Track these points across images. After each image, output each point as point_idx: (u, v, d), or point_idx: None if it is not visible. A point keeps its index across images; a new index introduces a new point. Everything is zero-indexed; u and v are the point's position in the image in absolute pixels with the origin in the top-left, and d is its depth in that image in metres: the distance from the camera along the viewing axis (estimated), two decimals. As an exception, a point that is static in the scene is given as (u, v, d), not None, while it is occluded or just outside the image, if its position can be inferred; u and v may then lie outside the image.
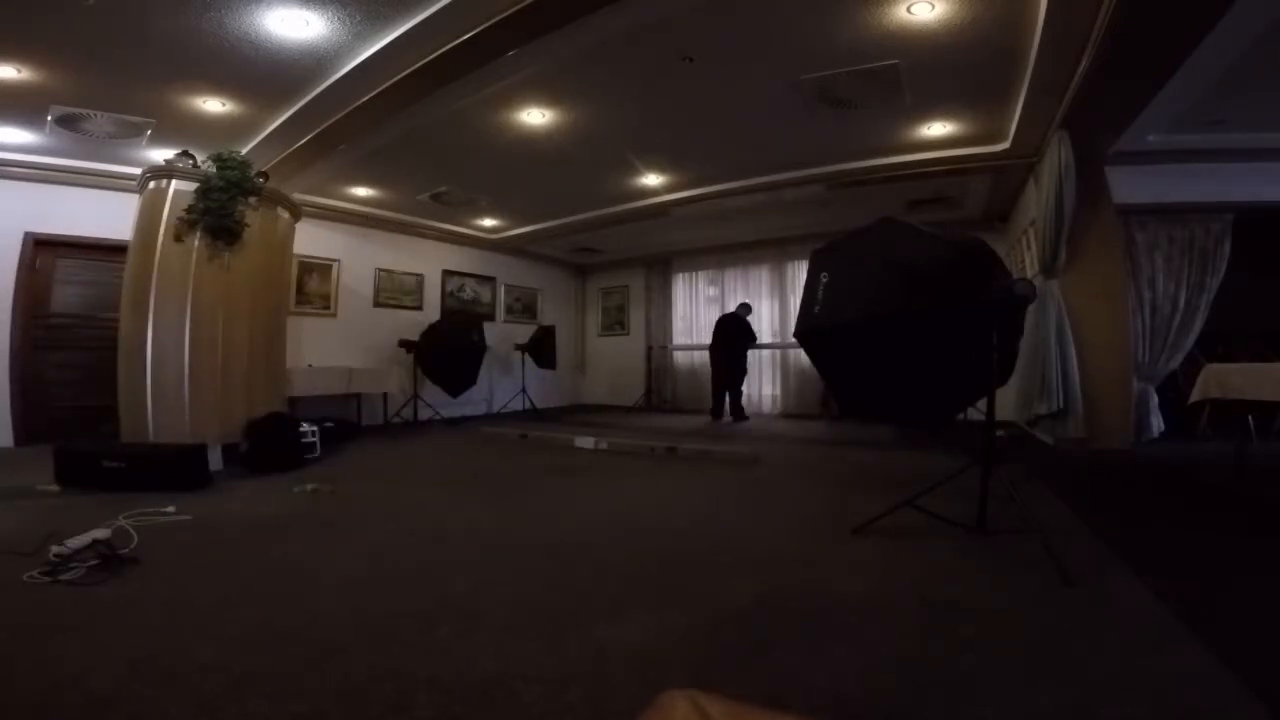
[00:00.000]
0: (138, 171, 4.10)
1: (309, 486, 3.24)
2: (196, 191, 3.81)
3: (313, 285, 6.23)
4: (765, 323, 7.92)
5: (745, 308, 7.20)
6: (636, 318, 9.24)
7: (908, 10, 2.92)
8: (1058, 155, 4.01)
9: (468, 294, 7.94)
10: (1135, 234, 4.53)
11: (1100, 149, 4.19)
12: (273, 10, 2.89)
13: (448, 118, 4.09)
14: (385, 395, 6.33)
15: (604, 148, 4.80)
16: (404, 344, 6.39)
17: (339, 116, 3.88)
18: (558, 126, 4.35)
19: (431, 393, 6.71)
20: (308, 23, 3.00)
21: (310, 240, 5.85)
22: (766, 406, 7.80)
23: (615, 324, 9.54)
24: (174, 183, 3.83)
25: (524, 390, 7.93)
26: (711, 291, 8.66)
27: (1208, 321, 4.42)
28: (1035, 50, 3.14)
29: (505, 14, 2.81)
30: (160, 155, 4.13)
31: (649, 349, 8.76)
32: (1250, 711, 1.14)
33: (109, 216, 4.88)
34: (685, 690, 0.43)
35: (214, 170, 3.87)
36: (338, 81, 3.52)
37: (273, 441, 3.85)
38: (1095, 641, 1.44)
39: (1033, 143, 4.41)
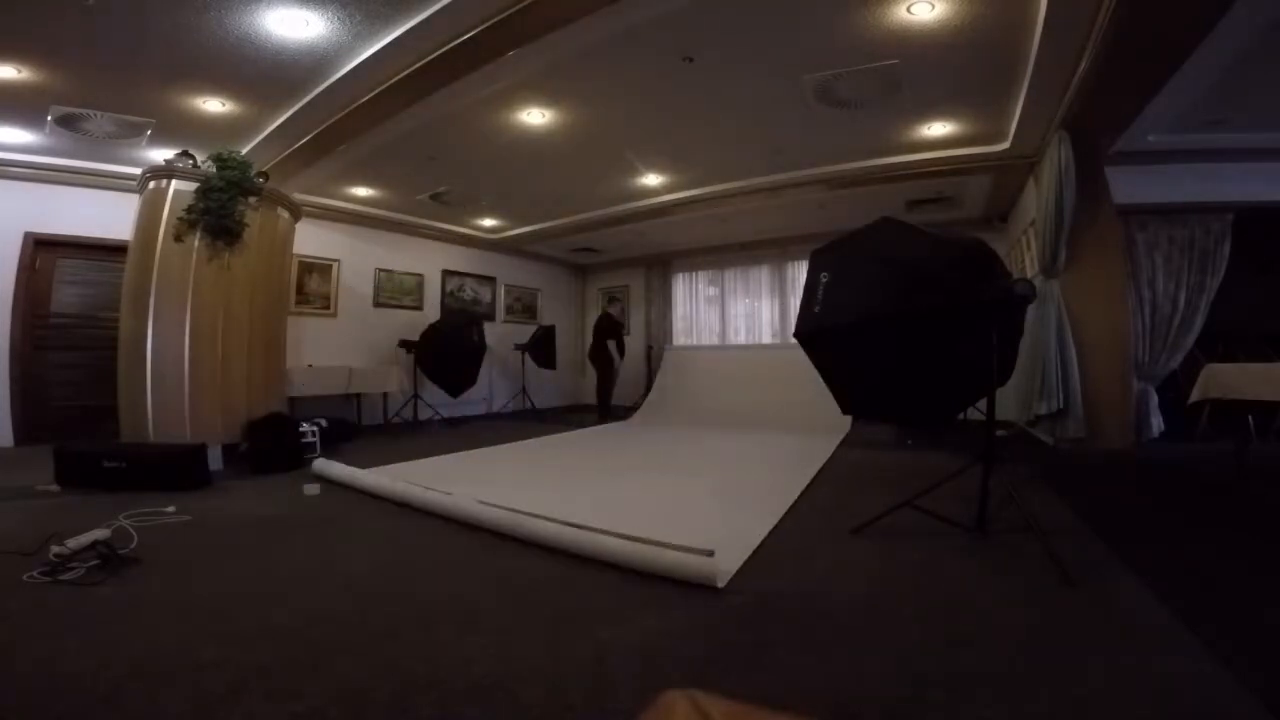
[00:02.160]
0: (138, 171, 4.10)
1: (314, 488, 3.23)
2: (196, 191, 3.82)
3: (313, 285, 6.22)
4: (765, 323, 7.98)
5: None
6: (636, 318, 9.23)
7: (908, 10, 2.92)
8: (1058, 155, 4.01)
9: (468, 294, 7.94)
10: (1135, 234, 4.52)
11: (1100, 149, 4.17)
12: (273, 10, 2.89)
13: (448, 118, 4.09)
14: (385, 395, 6.32)
15: (604, 148, 4.80)
16: (404, 344, 6.39)
17: (339, 116, 3.87)
18: (558, 126, 4.35)
19: (431, 393, 6.70)
20: (308, 23, 2.99)
21: (310, 240, 5.85)
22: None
23: (615, 324, 9.51)
24: (174, 183, 3.84)
25: (524, 390, 7.93)
26: (711, 291, 8.66)
27: (1208, 321, 4.42)
28: (1035, 50, 3.14)
29: (505, 14, 2.81)
30: (160, 155, 4.13)
31: (649, 349, 8.75)
32: (1250, 711, 1.14)
33: (109, 216, 4.88)
34: (685, 690, 0.43)
35: (214, 170, 3.88)
36: (338, 81, 3.51)
37: (273, 441, 3.85)
38: (1095, 641, 1.44)
39: (1033, 143, 4.40)
